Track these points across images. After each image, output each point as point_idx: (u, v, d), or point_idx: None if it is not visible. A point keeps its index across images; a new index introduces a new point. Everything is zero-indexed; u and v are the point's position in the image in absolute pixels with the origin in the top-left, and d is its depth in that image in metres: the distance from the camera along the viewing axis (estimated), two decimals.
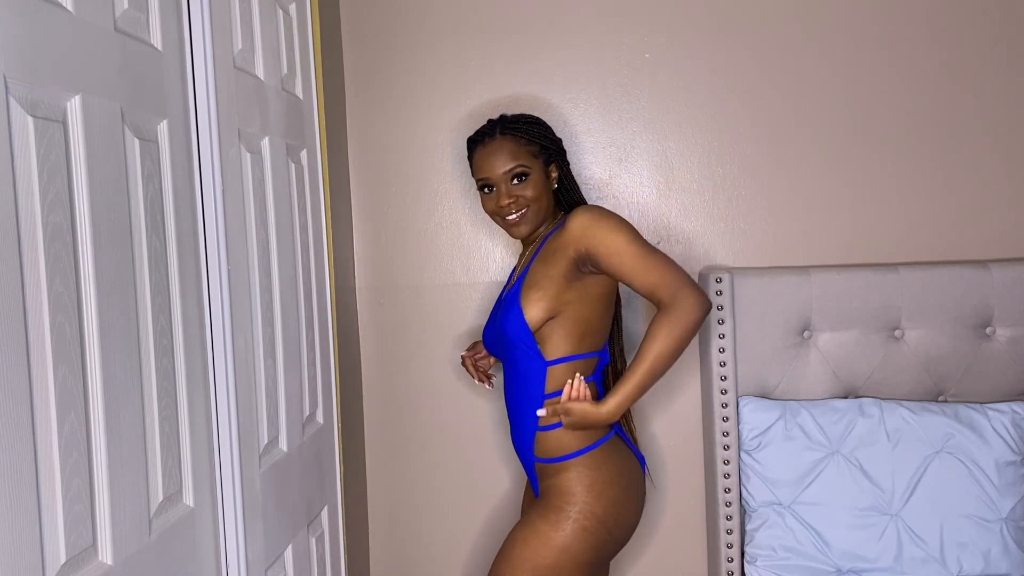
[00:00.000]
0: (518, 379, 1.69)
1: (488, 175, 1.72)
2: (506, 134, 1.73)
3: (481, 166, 1.73)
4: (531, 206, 1.70)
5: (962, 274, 1.92)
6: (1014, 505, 1.78)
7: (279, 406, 1.50)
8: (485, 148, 1.74)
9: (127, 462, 1.00)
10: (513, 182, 1.70)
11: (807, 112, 2.02)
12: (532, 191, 1.70)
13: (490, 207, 1.74)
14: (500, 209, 1.72)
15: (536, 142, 1.73)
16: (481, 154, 1.74)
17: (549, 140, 1.75)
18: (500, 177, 1.70)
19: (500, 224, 1.75)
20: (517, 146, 1.72)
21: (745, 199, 2.04)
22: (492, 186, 1.72)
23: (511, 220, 1.72)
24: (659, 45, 2.03)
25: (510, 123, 1.75)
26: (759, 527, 1.86)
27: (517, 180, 1.70)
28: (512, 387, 1.71)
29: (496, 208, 1.73)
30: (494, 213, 1.74)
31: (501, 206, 1.71)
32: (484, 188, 1.74)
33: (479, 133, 1.78)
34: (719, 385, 1.93)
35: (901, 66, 2.01)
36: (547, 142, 1.75)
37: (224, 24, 1.31)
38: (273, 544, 1.43)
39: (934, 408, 1.86)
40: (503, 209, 1.71)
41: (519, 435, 1.72)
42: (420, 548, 2.15)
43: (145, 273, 1.06)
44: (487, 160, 1.72)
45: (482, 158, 1.73)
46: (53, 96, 0.89)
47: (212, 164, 1.24)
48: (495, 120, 1.79)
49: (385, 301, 2.11)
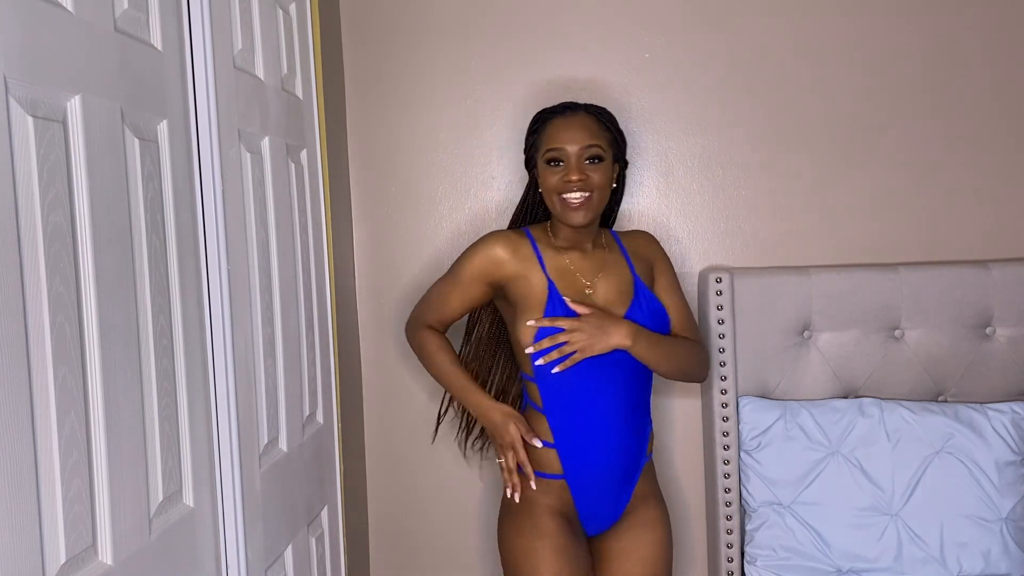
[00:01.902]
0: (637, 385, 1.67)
1: (563, 146, 1.64)
2: (590, 113, 1.69)
3: (556, 136, 1.65)
4: (595, 192, 1.63)
5: (962, 274, 1.92)
6: (1014, 505, 1.78)
7: (279, 406, 1.50)
8: (565, 120, 1.68)
9: (127, 462, 1.00)
10: (587, 161, 1.64)
11: (807, 112, 2.02)
12: (601, 177, 1.64)
13: (554, 183, 1.64)
14: (566, 185, 1.62)
15: (612, 132, 1.70)
16: (559, 125, 1.67)
17: (622, 137, 1.73)
18: (576, 152, 1.63)
19: (558, 207, 1.65)
20: (599, 128, 1.68)
21: (745, 199, 2.04)
22: (562, 160, 1.64)
23: (575, 201, 1.62)
24: (659, 45, 2.03)
25: (593, 107, 1.72)
26: (759, 527, 1.86)
27: (591, 161, 1.64)
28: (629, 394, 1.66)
29: (562, 184, 1.63)
30: (557, 191, 1.64)
31: (569, 180, 1.62)
32: (552, 161, 1.65)
33: (558, 106, 1.73)
34: (719, 385, 1.93)
35: (901, 66, 2.01)
36: (620, 138, 1.72)
37: (224, 24, 1.31)
38: (273, 544, 1.43)
39: (934, 408, 1.86)
40: (570, 185, 1.62)
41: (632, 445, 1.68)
42: (420, 548, 2.15)
43: (145, 273, 1.06)
44: (566, 131, 1.65)
45: (560, 129, 1.66)
46: (53, 96, 0.89)
47: (212, 164, 1.24)
48: (574, 103, 1.75)
49: (385, 301, 2.11)
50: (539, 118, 1.73)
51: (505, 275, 1.68)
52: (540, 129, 1.71)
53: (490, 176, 2.07)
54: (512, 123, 2.05)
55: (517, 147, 2.05)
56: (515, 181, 2.05)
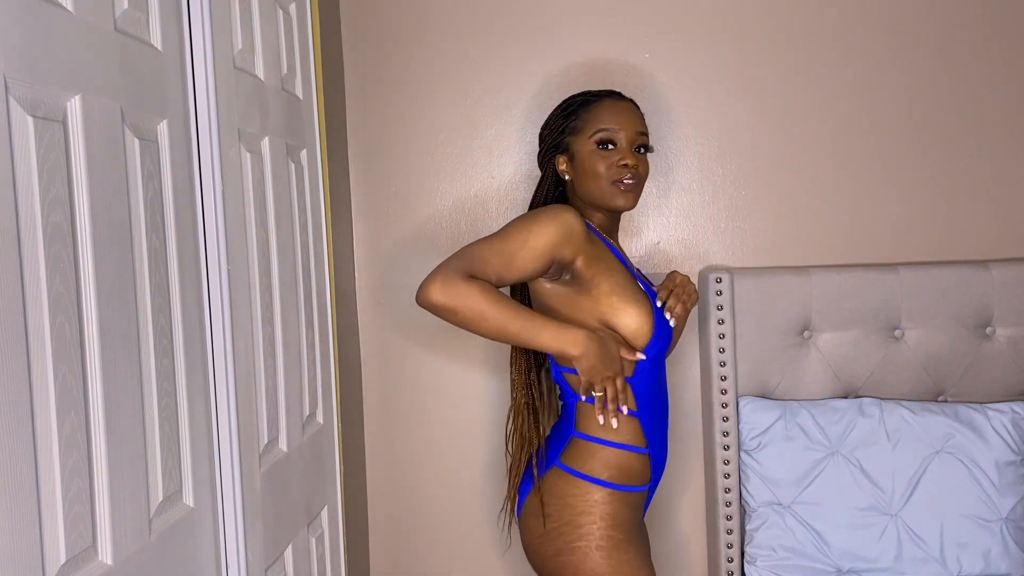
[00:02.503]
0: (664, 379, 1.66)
1: (620, 127, 1.59)
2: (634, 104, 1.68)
3: (609, 117, 1.60)
4: (640, 183, 1.62)
5: (962, 274, 1.92)
6: (1014, 505, 1.78)
7: (279, 406, 1.50)
8: (617, 104, 1.63)
9: (127, 462, 1.00)
10: (637, 150, 1.61)
11: (807, 112, 2.02)
12: (645, 168, 1.63)
13: (606, 165, 1.58)
14: (621, 170, 1.57)
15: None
16: (612, 108, 1.62)
17: None
18: (631, 136, 1.60)
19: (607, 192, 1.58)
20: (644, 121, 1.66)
21: (745, 199, 2.04)
22: (614, 143, 1.59)
23: (630, 184, 1.58)
24: (659, 45, 2.03)
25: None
26: (759, 527, 1.86)
27: (639, 150, 1.62)
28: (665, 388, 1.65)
29: (618, 167, 1.58)
30: (610, 175, 1.58)
31: (625, 164, 1.57)
32: (604, 143, 1.59)
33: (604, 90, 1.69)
34: (719, 385, 1.93)
35: (901, 66, 2.01)
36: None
37: (224, 24, 1.31)
38: (273, 544, 1.43)
39: (934, 408, 1.86)
40: (625, 170, 1.57)
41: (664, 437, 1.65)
42: (420, 548, 2.15)
43: (145, 273, 1.06)
44: (620, 114, 1.61)
45: (614, 112, 1.61)
46: (53, 96, 0.89)
47: (212, 164, 1.24)
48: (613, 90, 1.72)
49: (385, 301, 2.11)
50: (577, 101, 1.66)
51: (581, 251, 1.53)
52: (580, 111, 1.63)
53: (490, 176, 2.07)
54: (512, 123, 2.05)
55: (517, 147, 2.05)
56: (515, 181, 2.06)
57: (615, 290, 1.55)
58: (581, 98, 1.66)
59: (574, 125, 1.63)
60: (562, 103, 1.70)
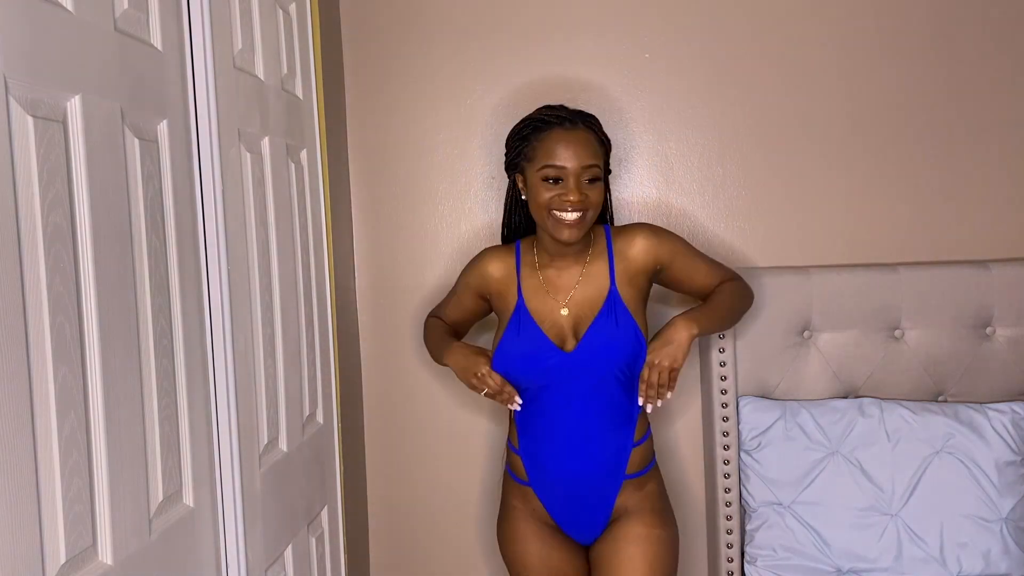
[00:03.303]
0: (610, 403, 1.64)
1: (566, 164, 1.57)
2: (589, 128, 1.62)
3: (558, 152, 1.57)
4: (590, 211, 1.59)
5: (962, 274, 1.92)
6: (1014, 505, 1.78)
7: (279, 406, 1.50)
8: (567, 133, 1.59)
9: (127, 462, 1.00)
10: (586, 181, 1.58)
11: (807, 112, 2.02)
12: (597, 196, 1.60)
13: (547, 199, 1.58)
14: (564, 204, 1.57)
15: (605, 148, 1.66)
16: (560, 138, 1.59)
17: (609, 146, 1.69)
18: (578, 171, 1.57)
19: (548, 223, 1.60)
20: (597, 145, 1.62)
21: (745, 199, 2.04)
22: (561, 178, 1.58)
23: (571, 220, 1.57)
24: (659, 45, 2.03)
25: (587, 118, 1.64)
26: (759, 527, 1.86)
27: (590, 181, 1.59)
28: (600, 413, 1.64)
29: (559, 202, 1.57)
30: (552, 208, 1.58)
31: (569, 200, 1.56)
32: (550, 179, 1.58)
33: (553, 116, 1.63)
34: (719, 385, 1.93)
35: (901, 66, 2.01)
36: (608, 147, 1.68)
37: (224, 24, 1.31)
38: (273, 544, 1.43)
39: (934, 408, 1.86)
40: (569, 203, 1.56)
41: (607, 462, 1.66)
42: (420, 548, 2.15)
43: (145, 273, 1.06)
44: (568, 148, 1.57)
45: (561, 144, 1.58)
46: (53, 96, 0.89)
47: (212, 164, 1.24)
48: (566, 109, 1.66)
49: (385, 301, 2.11)
50: (529, 127, 1.65)
51: (491, 291, 1.75)
52: (532, 138, 1.63)
53: (490, 176, 2.07)
54: (512, 123, 2.04)
55: None
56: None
57: (500, 314, 1.74)
58: (533, 124, 1.65)
59: (526, 152, 1.64)
60: (518, 123, 1.69)
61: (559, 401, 1.64)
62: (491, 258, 1.76)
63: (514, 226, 1.80)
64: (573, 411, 1.64)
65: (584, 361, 1.62)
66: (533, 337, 1.64)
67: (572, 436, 1.65)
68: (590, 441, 1.65)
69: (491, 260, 1.75)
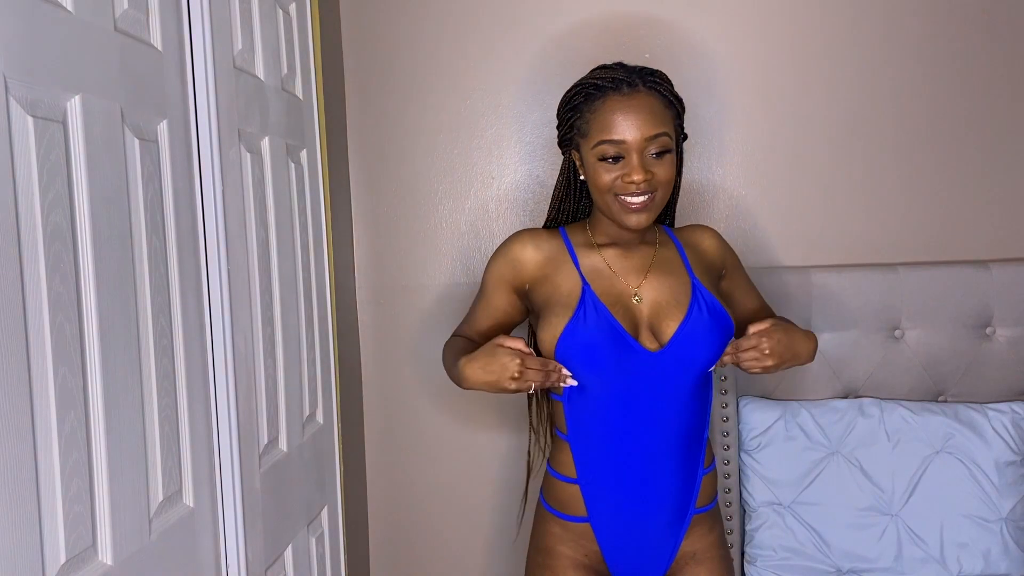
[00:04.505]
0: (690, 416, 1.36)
1: (624, 138, 1.30)
2: (652, 89, 1.33)
3: (614, 125, 1.30)
4: (659, 191, 1.33)
5: (962, 274, 1.92)
6: (1014, 505, 1.78)
7: (279, 406, 1.50)
8: (624, 100, 1.31)
9: (127, 462, 1.00)
10: (652, 155, 1.31)
11: (807, 112, 2.02)
12: (667, 172, 1.32)
13: (609, 181, 1.32)
14: (627, 186, 1.30)
15: (675, 110, 1.36)
16: (615, 107, 1.31)
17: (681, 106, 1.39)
18: (640, 144, 1.30)
19: (614, 209, 1.34)
20: (664, 109, 1.33)
21: (746, 199, 2.04)
22: (622, 155, 1.31)
23: (637, 204, 1.31)
24: (659, 45, 2.03)
25: (650, 77, 1.35)
26: (759, 527, 1.86)
27: (657, 155, 1.31)
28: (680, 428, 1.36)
29: (622, 184, 1.31)
30: (613, 191, 1.33)
31: (632, 181, 1.29)
32: (608, 158, 1.32)
33: (607, 79, 1.34)
34: (719, 385, 1.93)
35: (901, 66, 2.01)
36: (681, 108, 1.38)
37: (224, 24, 1.31)
38: (273, 544, 1.43)
39: (934, 408, 1.86)
40: (632, 186, 1.30)
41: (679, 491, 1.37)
42: (420, 548, 2.15)
43: (145, 273, 1.06)
44: (626, 117, 1.30)
45: (617, 113, 1.30)
46: (53, 96, 0.89)
47: (212, 164, 1.24)
48: (624, 67, 1.36)
49: (385, 301, 2.11)
50: (582, 92, 1.37)
51: (530, 278, 1.42)
52: (584, 108, 1.35)
53: (490, 176, 2.07)
54: (512, 123, 2.05)
55: (517, 147, 2.05)
56: (515, 181, 2.06)
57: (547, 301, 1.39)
58: (584, 90, 1.37)
59: (579, 125, 1.38)
60: (568, 92, 1.43)
61: (637, 412, 1.33)
62: (524, 240, 1.45)
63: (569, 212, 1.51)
64: (649, 426, 1.34)
65: (675, 362, 1.34)
66: (608, 328, 1.32)
67: (649, 458, 1.35)
68: (665, 464, 1.36)
69: (525, 242, 1.44)
